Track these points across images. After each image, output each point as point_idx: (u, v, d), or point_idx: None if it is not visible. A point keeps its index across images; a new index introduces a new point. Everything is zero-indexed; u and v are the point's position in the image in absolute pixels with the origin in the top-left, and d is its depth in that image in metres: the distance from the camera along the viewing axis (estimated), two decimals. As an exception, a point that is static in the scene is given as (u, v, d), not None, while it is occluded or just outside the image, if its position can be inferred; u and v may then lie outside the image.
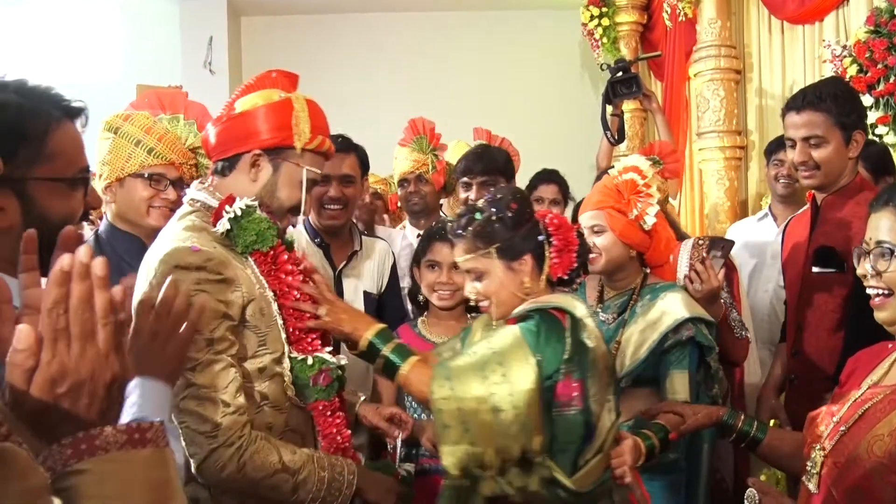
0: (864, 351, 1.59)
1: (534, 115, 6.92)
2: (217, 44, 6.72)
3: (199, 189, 1.76)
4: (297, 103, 1.74)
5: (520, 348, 1.71)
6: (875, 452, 1.35)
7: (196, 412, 1.56)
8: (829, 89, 2.29)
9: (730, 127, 5.03)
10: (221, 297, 1.59)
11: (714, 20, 5.09)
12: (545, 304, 1.84)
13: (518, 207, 1.91)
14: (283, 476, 1.61)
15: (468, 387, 1.64)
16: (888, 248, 1.40)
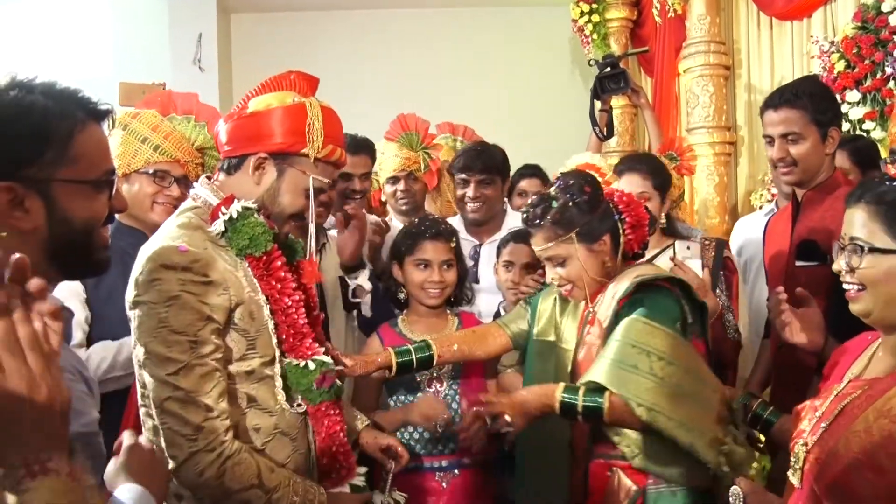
0: (847, 343, 1.61)
1: (523, 110, 6.93)
2: (206, 41, 6.69)
3: (204, 185, 1.75)
4: (312, 110, 1.70)
5: (668, 336, 1.79)
6: (852, 449, 1.35)
7: (178, 414, 1.55)
8: (805, 87, 2.36)
9: (719, 123, 5.05)
10: (206, 300, 1.58)
11: (703, 16, 5.11)
12: (645, 276, 1.89)
13: (592, 191, 1.95)
14: (258, 493, 1.59)
15: (667, 401, 1.73)
16: (859, 245, 1.42)
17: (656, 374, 1.75)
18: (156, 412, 1.59)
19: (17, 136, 1.14)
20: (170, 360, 1.55)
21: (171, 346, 1.55)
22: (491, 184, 3.01)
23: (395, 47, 7.04)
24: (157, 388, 1.57)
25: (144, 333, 1.58)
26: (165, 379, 1.55)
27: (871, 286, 1.42)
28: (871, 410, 1.36)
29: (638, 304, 1.86)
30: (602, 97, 3.48)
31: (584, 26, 6.43)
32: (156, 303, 1.56)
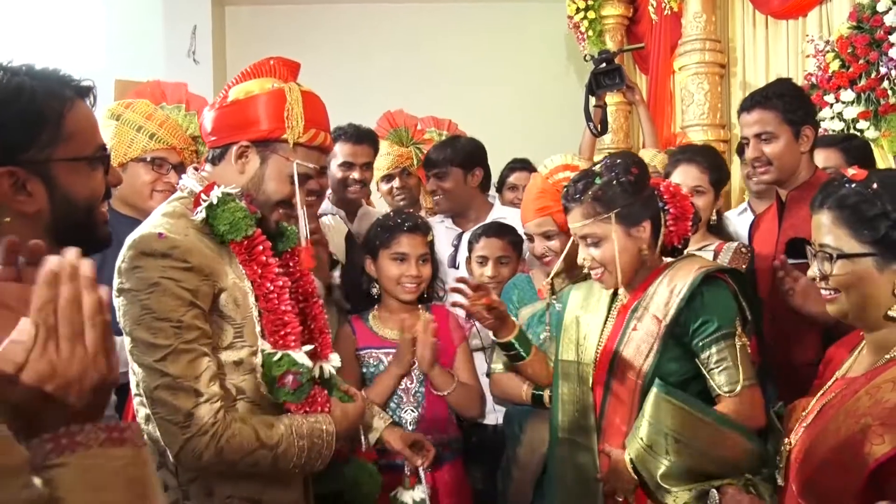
0: (842, 340, 1.63)
1: (519, 106, 6.92)
2: (201, 33, 6.67)
3: (191, 175, 1.75)
4: (291, 94, 1.68)
5: (686, 414, 1.75)
6: (823, 448, 1.36)
7: (169, 402, 1.54)
8: (776, 89, 2.46)
9: (714, 121, 5.05)
10: (187, 285, 1.56)
11: (699, 14, 5.11)
12: (709, 269, 1.83)
13: (639, 173, 1.88)
14: (262, 452, 1.60)
15: (675, 479, 1.75)
16: (829, 253, 1.43)
17: (669, 455, 1.73)
18: (147, 401, 1.58)
19: (10, 120, 1.13)
20: (156, 347, 1.54)
21: (155, 333, 1.54)
22: (446, 175, 3.01)
23: (390, 42, 7.03)
24: (146, 377, 1.56)
25: (129, 321, 1.57)
26: (153, 366, 1.55)
27: (844, 290, 1.43)
28: (843, 410, 1.37)
29: (698, 297, 1.81)
30: (597, 93, 3.48)
31: (579, 23, 6.42)
32: (137, 290, 1.55)
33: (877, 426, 1.26)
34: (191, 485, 1.65)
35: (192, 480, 1.65)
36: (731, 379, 1.78)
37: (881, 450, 1.23)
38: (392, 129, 3.33)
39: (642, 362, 1.85)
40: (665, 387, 1.75)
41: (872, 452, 1.24)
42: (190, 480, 1.65)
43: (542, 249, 2.33)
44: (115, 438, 0.81)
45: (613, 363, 1.92)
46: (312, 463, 1.68)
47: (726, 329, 1.79)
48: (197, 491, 1.65)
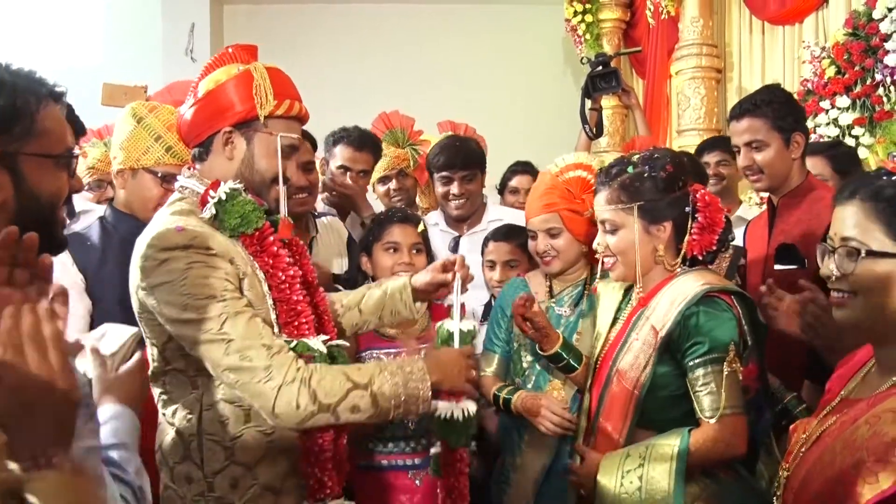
0: (853, 354, 1.47)
1: (516, 108, 6.94)
2: (199, 31, 6.66)
3: (187, 176, 1.75)
4: (257, 72, 1.70)
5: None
6: (818, 479, 1.25)
7: (244, 365, 1.53)
8: (765, 97, 2.44)
9: (710, 125, 5.07)
10: (215, 266, 1.58)
11: (696, 19, 5.13)
12: (713, 286, 1.79)
13: (673, 172, 1.85)
14: (358, 392, 1.57)
15: None
16: (854, 248, 1.26)
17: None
18: (225, 382, 1.58)
19: None
20: (210, 320, 1.54)
21: (204, 309, 1.54)
22: (473, 179, 3.01)
23: (388, 42, 7.04)
24: (212, 354, 1.55)
25: (174, 311, 1.56)
26: (215, 338, 1.54)
27: (863, 293, 1.27)
28: (840, 440, 1.24)
29: (693, 317, 1.76)
30: (593, 96, 3.49)
31: (577, 26, 6.45)
32: (171, 281, 1.55)
33: (871, 463, 1.14)
34: (216, 476, 1.64)
35: (216, 472, 1.64)
36: (713, 404, 1.73)
37: (873, 490, 1.12)
38: (388, 130, 3.32)
39: (639, 373, 1.82)
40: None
41: (864, 493, 1.13)
42: (215, 472, 1.64)
43: (544, 247, 2.28)
44: (80, 470, 0.87)
45: (612, 370, 1.90)
46: (412, 402, 1.62)
47: (717, 353, 1.74)
48: (221, 482, 1.64)
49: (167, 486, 1.69)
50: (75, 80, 1.76)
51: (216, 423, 1.64)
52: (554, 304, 2.33)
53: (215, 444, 1.65)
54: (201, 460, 1.64)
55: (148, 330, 1.66)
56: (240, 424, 1.65)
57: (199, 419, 1.64)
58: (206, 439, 1.64)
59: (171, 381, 1.68)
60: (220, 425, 1.64)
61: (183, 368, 1.66)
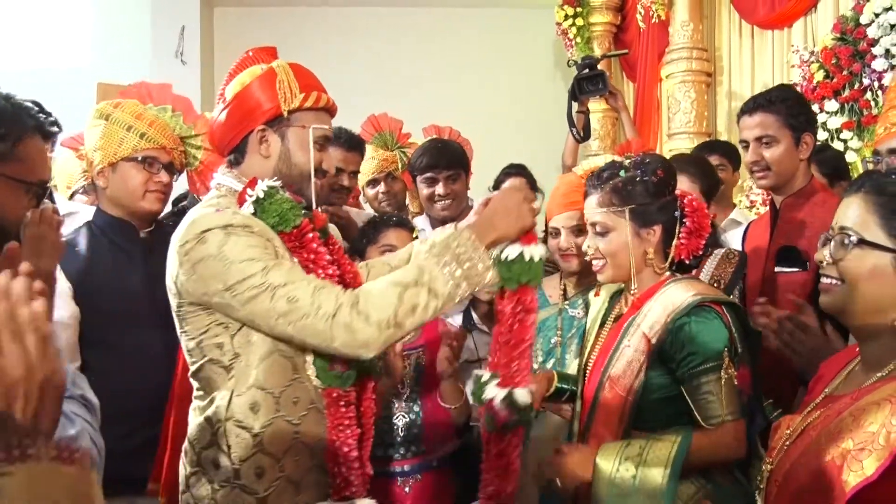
0: (835, 355, 1.51)
1: (507, 112, 6.94)
2: (189, 34, 6.64)
3: (225, 174, 1.75)
4: (280, 69, 1.74)
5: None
6: (803, 473, 1.27)
7: (292, 309, 1.53)
8: (779, 94, 2.43)
9: (700, 129, 5.09)
10: (255, 241, 1.58)
11: (686, 23, 5.15)
12: (705, 297, 1.80)
13: (664, 176, 1.87)
14: (411, 292, 1.55)
15: None
16: (848, 236, 1.30)
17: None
18: (281, 334, 1.57)
19: None
20: (252, 276, 1.54)
21: (245, 268, 1.54)
22: (458, 179, 3.01)
23: (379, 45, 7.03)
24: (261, 308, 1.54)
25: (216, 282, 1.56)
26: (259, 291, 1.53)
27: (850, 282, 1.30)
28: (824, 432, 1.26)
29: (685, 327, 1.77)
30: (580, 98, 3.49)
31: (567, 30, 6.46)
32: (212, 254, 1.56)
33: (855, 452, 1.16)
34: (242, 464, 1.62)
35: (243, 460, 1.62)
36: (713, 412, 1.76)
37: (858, 477, 1.14)
38: (377, 132, 3.32)
39: (633, 380, 1.83)
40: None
41: (849, 481, 1.15)
42: (241, 460, 1.62)
43: (568, 244, 2.30)
44: (65, 458, 0.83)
45: (604, 376, 1.90)
46: (473, 276, 1.58)
47: (713, 362, 1.76)
48: (248, 471, 1.62)
49: (194, 471, 1.67)
50: (64, 82, 1.75)
51: (246, 409, 1.62)
52: (567, 307, 2.35)
53: (243, 430, 1.63)
54: (228, 446, 1.62)
55: (186, 324, 1.65)
56: (270, 413, 1.63)
57: (229, 405, 1.63)
58: (234, 425, 1.62)
59: (206, 376, 1.67)
60: (250, 412, 1.62)
61: (218, 357, 1.64)
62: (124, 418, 2.03)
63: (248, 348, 1.62)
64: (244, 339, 1.62)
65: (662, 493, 1.67)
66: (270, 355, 1.63)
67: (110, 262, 2.18)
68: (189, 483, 1.67)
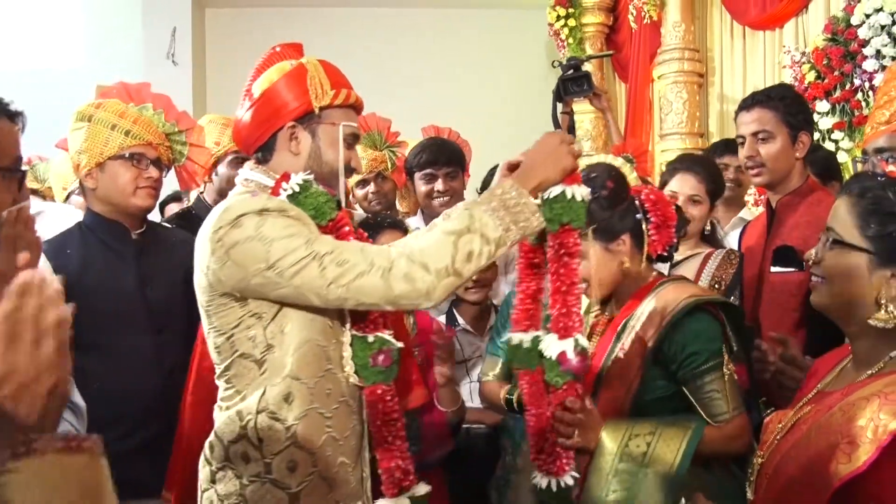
0: (829, 353, 1.54)
1: (500, 112, 6.95)
2: (181, 35, 6.63)
3: (254, 170, 1.73)
4: (310, 65, 1.73)
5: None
6: (793, 466, 1.30)
7: (343, 271, 1.50)
8: (778, 92, 2.43)
9: (692, 129, 5.10)
10: (293, 223, 1.55)
11: (678, 23, 5.16)
12: (700, 298, 1.79)
13: (614, 186, 1.85)
14: (465, 238, 1.52)
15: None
16: (831, 237, 1.35)
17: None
18: (333, 300, 1.53)
19: None
20: (296, 249, 1.51)
21: (288, 244, 1.51)
22: (456, 177, 3.01)
23: (370, 46, 7.03)
24: (309, 277, 1.51)
25: (257, 263, 1.52)
26: (306, 262, 1.50)
27: (829, 280, 1.35)
28: (815, 426, 1.29)
29: (682, 329, 1.77)
30: (564, 99, 3.49)
31: (560, 30, 6.47)
32: (249, 236, 1.52)
33: (844, 444, 1.19)
34: (274, 458, 1.59)
35: (275, 454, 1.59)
36: (720, 410, 1.77)
37: (846, 469, 1.17)
38: (365, 132, 3.31)
39: (629, 383, 1.83)
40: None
41: (838, 472, 1.17)
42: (273, 453, 1.59)
43: None
44: (73, 447, 0.83)
45: (599, 381, 1.89)
46: (521, 219, 1.55)
47: (713, 361, 1.77)
48: (279, 465, 1.59)
49: (221, 467, 1.63)
50: (56, 83, 1.75)
51: (280, 399, 1.59)
52: None
53: (276, 421, 1.59)
54: (259, 439, 1.58)
55: (216, 319, 1.62)
56: (304, 404, 1.60)
57: (262, 396, 1.59)
58: (267, 417, 1.59)
59: (236, 373, 1.63)
60: (284, 403, 1.59)
61: (250, 351, 1.61)
62: (116, 421, 2.02)
63: (281, 338, 1.59)
64: (277, 329, 1.59)
65: (674, 470, 1.68)
66: (305, 345, 1.60)
67: (102, 263, 2.17)
68: (215, 479, 1.63)
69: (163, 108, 2.33)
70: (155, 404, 2.10)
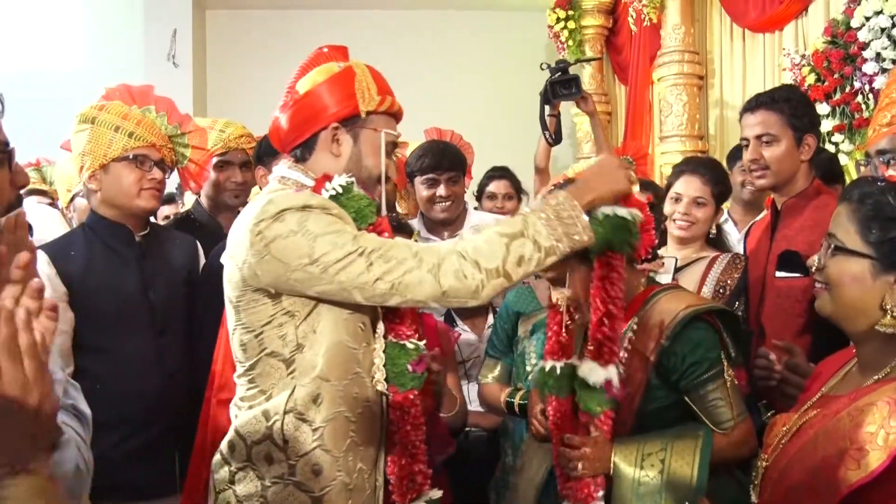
0: (833, 356, 1.53)
1: (499, 114, 6.95)
2: (181, 36, 6.64)
3: (291, 168, 1.71)
4: (359, 69, 1.73)
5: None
6: (798, 470, 1.29)
7: (391, 267, 1.49)
8: (783, 94, 2.39)
9: (692, 131, 5.11)
10: (335, 220, 1.54)
11: (678, 26, 5.17)
12: (698, 308, 1.77)
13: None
14: (518, 242, 1.51)
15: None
16: (833, 244, 1.35)
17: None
18: (379, 296, 1.50)
19: None
20: (341, 246, 1.49)
21: (333, 238, 1.50)
22: (458, 181, 3.02)
23: (370, 48, 6.95)
24: (354, 273, 1.49)
25: (300, 258, 1.50)
26: (352, 258, 1.48)
27: (833, 286, 1.34)
28: (822, 431, 1.29)
29: (681, 341, 1.76)
30: (552, 102, 3.49)
31: (560, 32, 6.48)
32: (291, 230, 1.50)
33: (853, 451, 1.18)
34: (299, 460, 1.56)
35: (300, 455, 1.56)
36: (724, 417, 1.76)
37: (856, 475, 1.16)
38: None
39: (632, 397, 1.80)
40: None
41: (847, 478, 1.16)
42: (299, 455, 1.56)
43: None
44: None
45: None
46: (573, 232, 1.55)
47: (716, 368, 1.76)
48: (304, 467, 1.57)
49: (242, 467, 1.60)
50: (57, 84, 1.74)
51: (308, 401, 1.57)
52: None
53: (304, 422, 1.56)
54: (284, 441, 1.56)
55: (246, 316, 1.59)
56: (332, 406, 1.58)
57: (290, 396, 1.56)
58: (294, 418, 1.56)
59: (262, 371, 1.60)
60: (312, 404, 1.57)
61: (279, 350, 1.58)
62: (118, 424, 2.02)
63: (312, 338, 1.57)
64: (309, 328, 1.57)
65: (694, 483, 1.66)
66: (335, 346, 1.58)
67: (105, 266, 2.17)
68: (234, 479, 1.60)
69: (165, 111, 2.34)
70: (156, 406, 2.10)
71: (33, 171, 3.79)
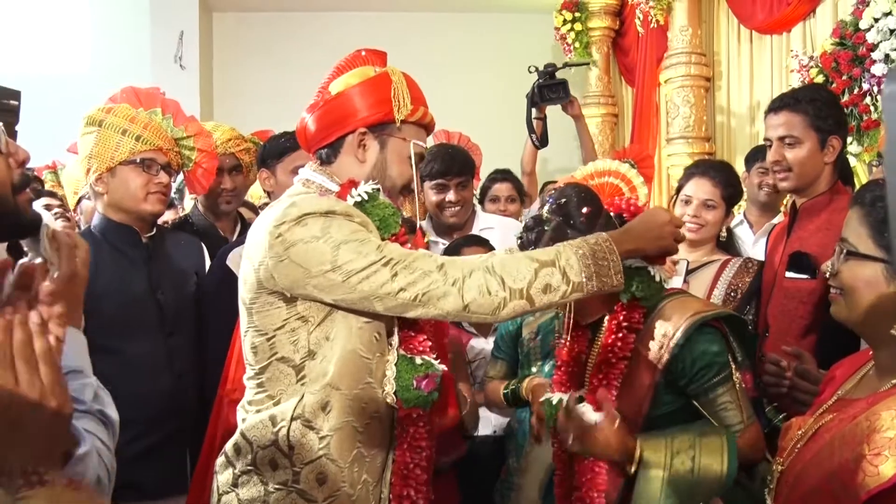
0: (848, 358, 1.52)
1: (505, 117, 6.92)
2: (188, 39, 6.64)
3: (316, 171, 1.69)
4: (395, 76, 1.69)
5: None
6: (815, 474, 1.28)
7: (416, 278, 1.47)
8: (808, 94, 2.35)
9: (699, 133, 5.09)
10: (358, 228, 1.52)
11: (685, 28, 5.16)
12: (705, 315, 1.76)
13: (591, 209, 1.81)
14: (547, 270, 1.50)
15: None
16: (844, 248, 1.34)
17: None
18: (401, 306, 1.49)
19: None
20: (367, 254, 1.47)
21: (357, 246, 1.48)
22: (467, 186, 3.01)
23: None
24: (377, 283, 1.47)
25: (321, 264, 1.48)
26: (376, 268, 1.47)
27: (847, 292, 1.34)
28: (839, 436, 1.27)
29: (689, 349, 1.75)
30: (539, 105, 3.48)
31: (566, 34, 6.47)
32: (313, 236, 1.48)
33: (872, 456, 1.17)
34: (304, 467, 1.55)
35: (305, 463, 1.55)
36: (734, 420, 1.76)
37: (874, 481, 1.14)
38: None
39: (639, 404, 1.80)
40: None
41: (865, 484, 1.15)
42: (304, 463, 1.55)
43: None
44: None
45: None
46: (604, 274, 1.53)
47: (724, 372, 1.76)
48: (308, 475, 1.55)
49: (246, 471, 1.58)
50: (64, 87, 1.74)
51: (317, 408, 1.55)
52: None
53: (311, 430, 1.55)
54: (290, 447, 1.54)
55: (259, 318, 1.57)
56: (341, 415, 1.56)
57: (299, 402, 1.55)
58: (301, 425, 1.54)
59: (271, 376, 1.58)
60: (321, 412, 1.55)
61: (290, 355, 1.56)
62: (129, 424, 2.01)
63: (324, 345, 1.56)
64: (322, 335, 1.56)
65: (724, 476, 1.66)
66: (348, 354, 1.56)
67: (113, 268, 2.18)
68: (237, 483, 1.59)
69: (172, 114, 2.34)
70: (166, 407, 2.11)
71: (49, 174, 3.80)
